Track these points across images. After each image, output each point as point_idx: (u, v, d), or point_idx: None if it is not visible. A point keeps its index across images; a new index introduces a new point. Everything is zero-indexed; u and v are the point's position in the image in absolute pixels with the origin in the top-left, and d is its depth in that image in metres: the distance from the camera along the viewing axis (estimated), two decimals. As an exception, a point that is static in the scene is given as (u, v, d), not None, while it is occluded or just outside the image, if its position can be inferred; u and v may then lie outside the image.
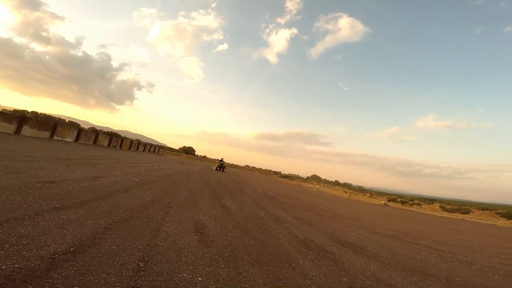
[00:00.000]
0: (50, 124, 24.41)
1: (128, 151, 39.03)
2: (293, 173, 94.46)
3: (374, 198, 28.91)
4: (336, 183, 77.75)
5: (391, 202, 25.78)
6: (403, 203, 24.89)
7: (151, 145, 62.42)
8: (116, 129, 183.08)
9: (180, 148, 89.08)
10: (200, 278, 2.98)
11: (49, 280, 2.25)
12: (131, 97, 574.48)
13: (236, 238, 4.99)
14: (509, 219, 16.80)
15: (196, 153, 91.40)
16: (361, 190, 43.29)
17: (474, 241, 8.17)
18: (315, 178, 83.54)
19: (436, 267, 4.73)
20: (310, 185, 44.07)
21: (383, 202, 25.35)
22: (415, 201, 25.11)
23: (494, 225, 15.32)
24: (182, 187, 10.58)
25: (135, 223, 4.49)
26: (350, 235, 7.04)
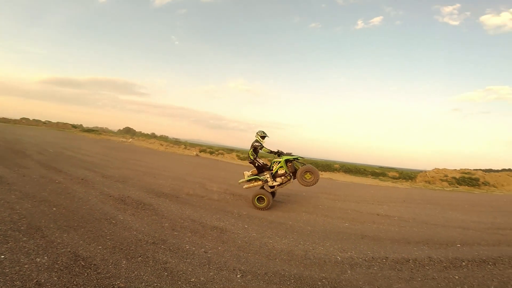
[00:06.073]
0: None
1: None
2: (100, 126, 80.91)
3: (188, 149, 31.73)
4: (153, 135, 76.33)
5: (202, 152, 29.68)
6: (211, 153, 29.48)
7: None
8: None
9: None
10: (2, 256, 2.61)
11: None
12: None
13: (29, 209, 4.23)
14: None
15: None
16: (176, 142, 45.50)
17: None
18: (128, 131, 76.83)
19: (231, 205, 6.32)
20: (122, 139, 40.09)
21: (195, 153, 28.59)
22: (220, 151, 30.53)
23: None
24: None
25: None
26: (165, 186, 7.71)
